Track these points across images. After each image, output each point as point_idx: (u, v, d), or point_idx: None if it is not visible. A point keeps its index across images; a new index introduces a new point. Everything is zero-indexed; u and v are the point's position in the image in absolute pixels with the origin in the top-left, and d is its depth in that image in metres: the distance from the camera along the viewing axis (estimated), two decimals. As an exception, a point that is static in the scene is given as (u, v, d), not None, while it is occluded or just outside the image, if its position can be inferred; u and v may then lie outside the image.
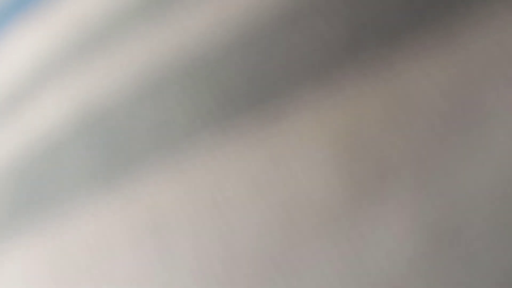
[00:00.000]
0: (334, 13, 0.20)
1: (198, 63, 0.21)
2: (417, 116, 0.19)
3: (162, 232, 0.20)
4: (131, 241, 0.21)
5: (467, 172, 0.18)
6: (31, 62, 0.25)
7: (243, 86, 0.21)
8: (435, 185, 0.18)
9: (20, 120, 0.24)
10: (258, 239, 0.19)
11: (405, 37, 0.19)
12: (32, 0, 0.25)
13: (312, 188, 0.19)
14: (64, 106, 0.23)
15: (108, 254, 0.21)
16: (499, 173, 0.18)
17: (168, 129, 0.21)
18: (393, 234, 0.18)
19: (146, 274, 0.20)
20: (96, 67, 0.23)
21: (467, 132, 0.18)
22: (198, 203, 0.20)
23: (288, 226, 0.19)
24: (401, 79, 0.19)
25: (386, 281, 0.18)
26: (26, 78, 0.24)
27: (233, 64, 0.21)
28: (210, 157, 0.20)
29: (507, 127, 0.18)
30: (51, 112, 0.23)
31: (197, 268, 0.19)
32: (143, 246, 0.20)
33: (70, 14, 0.24)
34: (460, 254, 0.17)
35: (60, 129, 0.23)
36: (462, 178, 0.18)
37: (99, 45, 0.23)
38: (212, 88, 0.21)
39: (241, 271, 0.19)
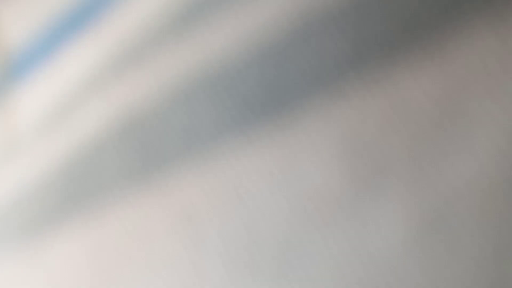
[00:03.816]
0: (340, 32, 0.22)
1: (221, 75, 0.23)
2: (411, 120, 0.20)
3: (193, 221, 0.22)
4: (166, 230, 0.22)
5: (453, 168, 0.20)
6: (78, 74, 0.26)
7: (261, 95, 0.22)
8: (426, 180, 0.20)
9: (68, 125, 0.26)
10: (276, 226, 0.21)
11: (401, 54, 0.21)
12: (79, 21, 0.27)
13: (322, 182, 0.21)
14: (106, 112, 0.25)
15: (145, 241, 0.23)
16: (480, 169, 0.19)
17: (196, 132, 0.23)
18: (389, 221, 0.20)
19: (180, 258, 0.22)
20: (133, 78, 0.25)
21: (453, 134, 0.20)
22: (224, 196, 0.22)
23: (301, 214, 0.21)
24: (397, 89, 0.21)
25: (383, 259, 0.20)
26: (74, 88, 0.26)
27: (252, 76, 0.23)
28: (233, 157, 0.22)
29: (487, 130, 0.20)
30: (95, 117, 0.25)
31: (224, 251, 0.21)
32: (176, 234, 0.22)
33: (112, 33, 0.26)
34: (446, 238, 0.19)
35: (103, 133, 0.25)
36: (448, 174, 0.20)
37: (136, 60, 0.25)
38: (234, 97, 0.23)
39: (262, 254, 0.21)
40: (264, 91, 0.22)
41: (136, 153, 0.24)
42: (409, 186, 0.20)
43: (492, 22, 0.20)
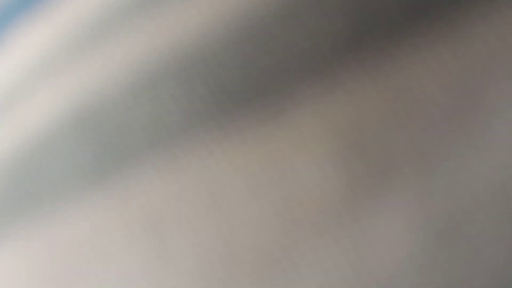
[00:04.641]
0: (335, 7, 0.20)
1: (194, 57, 0.21)
2: (418, 111, 0.19)
3: (158, 230, 0.20)
4: (126, 239, 0.20)
5: (468, 168, 0.18)
6: (24, 60, 0.24)
7: (241, 81, 0.20)
8: (437, 181, 0.18)
9: (12, 117, 0.23)
10: (257, 236, 0.19)
11: (407, 32, 0.19)
12: (28, 1, 0.25)
13: (313, 184, 0.19)
14: (56, 102, 0.23)
15: (101, 253, 0.20)
16: (501, 169, 0.18)
17: (163, 125, 0.21)
18: (394, 230, 0.18)
19: (142, 273, 0.20)
20: (89, 62, 0.23)
21: (469, 128, 0.18)
22: (196, 200, 0.20)
23: (288, 222, 0.19)
24: (402, 74, 0.19)
25: (387, 276, 0.18)
26: (19, 75, 0.24)
27: (231, 59, 0.21)
28: (207, 153, 0.20)
29: (509, 123, 0.18)
30: (43, 108, 0.23)
31: (195, 266, 0.19)
32: (138, 244, 0.20)
33: (63, 11, 0.24)
34: (461, 250, 0.17)
35: (53, 126, 0.22)
36: (463, 174, 0.18)
37: (93, 40, 0.23)
38: (208, 83, 0.21)
39: (241, 268, 0.19)
40: (245, 77, 0.20)
41: (92, 149, 0.21)
42: (417, 189, 0.18)
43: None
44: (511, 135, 0.18)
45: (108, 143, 0.21)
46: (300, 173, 0.19)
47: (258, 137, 0.20)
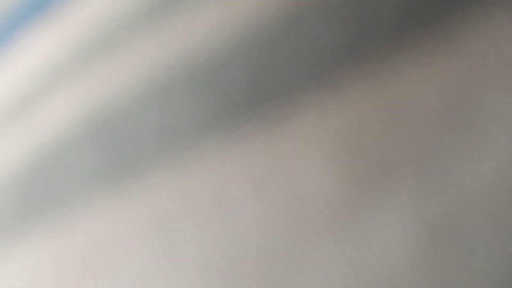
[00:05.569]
0: (336, 17, 0.20)
1: (202, 66, 0.22)
2: (416, 117, 0.19)
3: (168, 230, 0.21)
4: (138, 240, 0.21)
5: (466, 171, 0.18)
6: (39, 66, 0.25)
7: (246, 89, 0.21)
8: (435, 184, 0.18)
9: (28, 122, 0.24)
10: (262, 237, 0.19)
11: (405, 41, 0.20)
12: (40, 6, 0.26)
13: (314, 187, 0.19)
14: (71, 108, 0.23)
15: (114, 253, 0.21)
16: (497, 172, 0.18)
17: (173, 130, 0.21)
18: (393, 232, 0.18)
19: (152, 272, 0.20)
20: (102, 70, 0.23)
21: (466, 133, 0.19)
22: (203, 202, 0.20)
23: (291, 224, 0.19)
24: (400, 81, 0.19)
25: (386, 277, 0.18)
26: (34, 81, 0.25)
27: (236, 67, 0.21)
28: (215, 158, 0.21)
29: (505, 128, 0.18)
30: (58, 114, 0.24)
31: (202, 265, 0.20)
32: (149, 244, 0.21)
33: (77, 19, 0.25)
34: (459, 251, 0.18)
35: (68, 131, 0.23)
36: (461, 177, 0.18)
37: (106, 48, 0.24)
38: (216, 91, 0.21)
39: (245, 268, 0.19)
40: (251, 84, 0.21)
41: (105, 153, 0.22)
42: (415, 191, 0.18)
43: (508, 6, 0.19)
44: (506, 140, 0.18)
45: (121, 148, 0.22)
46: (302, 176, 0.20)
47: (263, 142, 0.20)
